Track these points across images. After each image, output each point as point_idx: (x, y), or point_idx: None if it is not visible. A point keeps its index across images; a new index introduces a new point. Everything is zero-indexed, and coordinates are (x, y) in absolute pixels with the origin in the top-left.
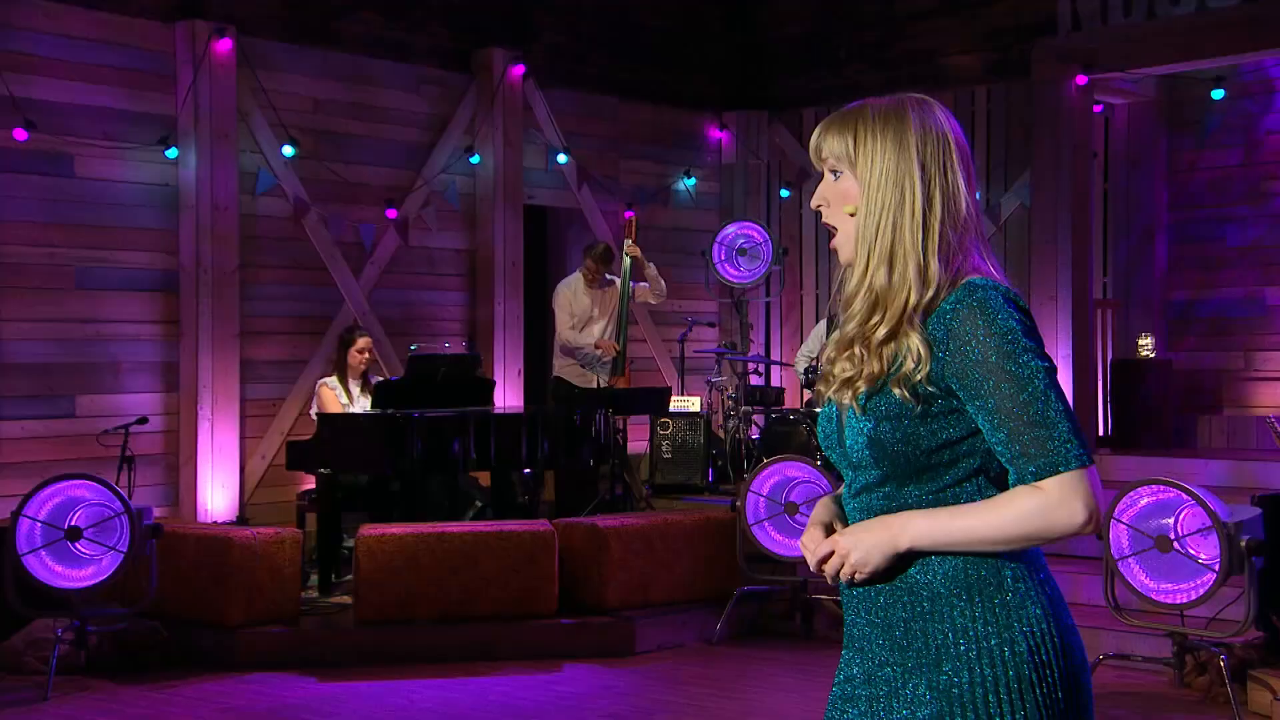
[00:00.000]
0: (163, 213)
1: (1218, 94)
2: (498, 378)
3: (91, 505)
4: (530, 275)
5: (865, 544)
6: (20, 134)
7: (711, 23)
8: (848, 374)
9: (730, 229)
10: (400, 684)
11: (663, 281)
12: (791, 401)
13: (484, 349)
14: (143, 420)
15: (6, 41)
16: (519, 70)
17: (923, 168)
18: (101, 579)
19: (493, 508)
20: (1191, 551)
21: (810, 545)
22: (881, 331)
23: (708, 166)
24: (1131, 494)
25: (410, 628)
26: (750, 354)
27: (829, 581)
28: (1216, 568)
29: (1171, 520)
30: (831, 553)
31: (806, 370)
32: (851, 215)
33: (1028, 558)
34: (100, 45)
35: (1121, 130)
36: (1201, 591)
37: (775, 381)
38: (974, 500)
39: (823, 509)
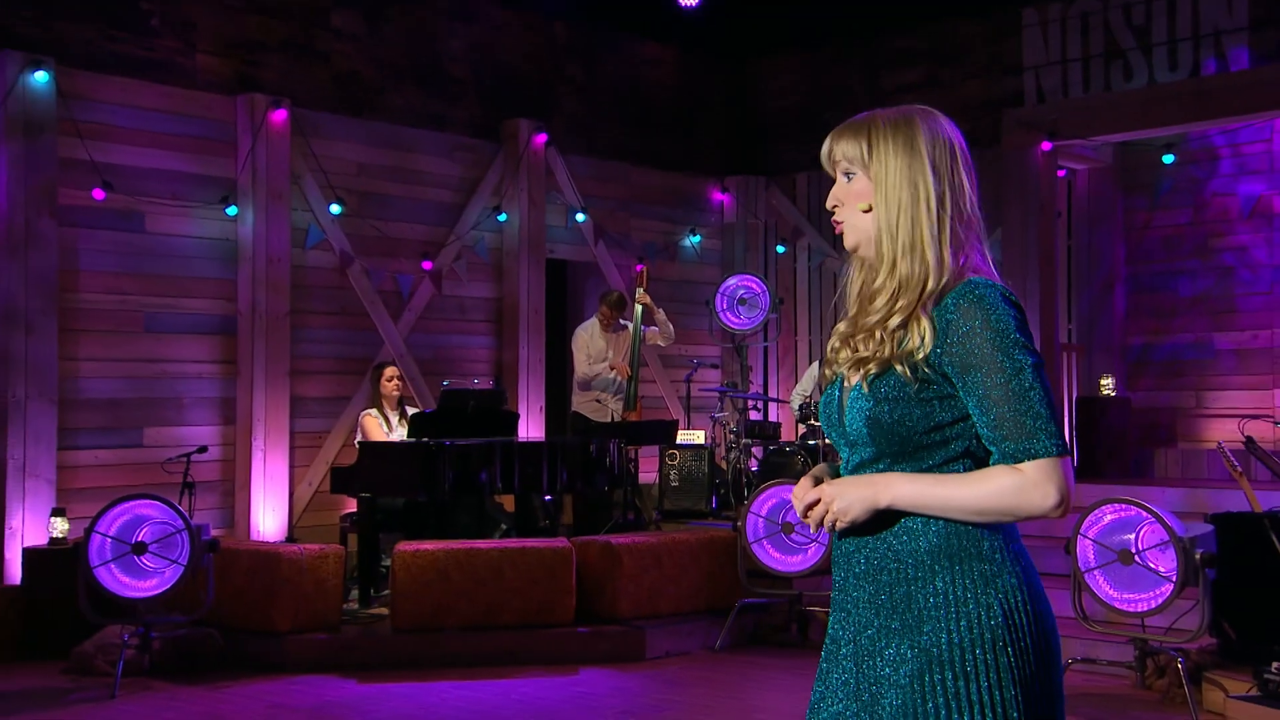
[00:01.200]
0: (223, 264)
1: (1168, 159)
2: (521, 413)
3: (156, 523)
4: (551, 322)
5: (849, 495)
6: (99, 194)
7: (714, 97)
8: (862, 355)
9: (731, 281)
10: (432, 685)
11: (670, 326)
12: (787, 435)
13: (509, 388)
14: (202, 450)
15: (88, 113)
16: (542, 139)
17: (934, 168)
18: (164, 589)
19: (516, 530)
20: (1151, 564)
21: (799, 493)
22: (898, 318)
23: (711, 225)
24: (1096, 512)
25: (441, 635)
26: (749, 392)
27: (812, 530)
28: (1174, 579)
29: (1133, 536)
30: (818, 501)
31: (801, 406)
32: (865, 212)
33: (1004, 532)
34: (170, 116)
35: (1082, 192)
36: (1160, 601)
37: (773, 417)
38: None
39: (818, 469)
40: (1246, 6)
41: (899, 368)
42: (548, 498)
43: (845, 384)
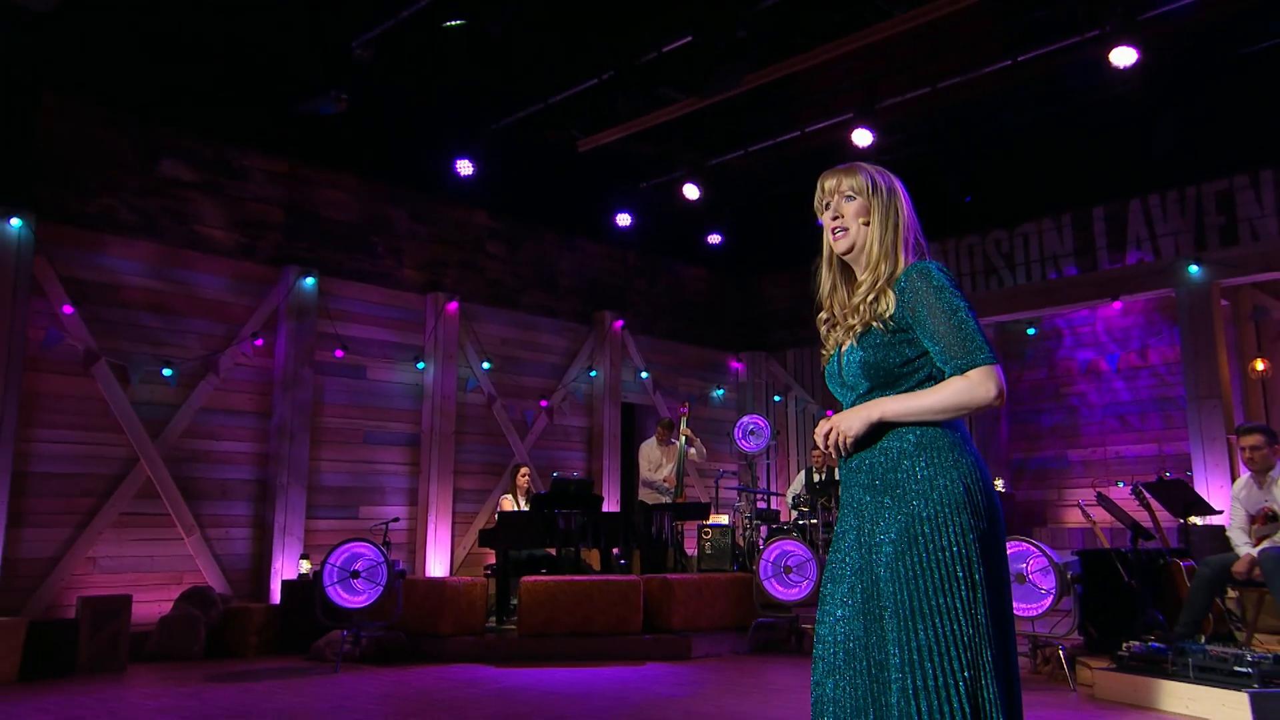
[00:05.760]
0: (413, 400)
1: (1031, 330)
2: (604, 498)
3: (366, 558)
4: (624, 443)
5: (850, 418)
6: (339, 354)
7: (731, 300)
8: (851, 323)
9: (745, 419)
10: (546, 671)
11: (704, 448)
12: (785, 518)
13: (595, 484)
14: (395, 520)
15: (336, 303)
16: (619, 323)
17: (905, 201)
18: (369, 603)
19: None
20: (1037, 584)
21: (819, 430)
22: (872, 295)
23: (730, 383)
24: None
25: (551, 638)
26: (758, 489)
27: (830, 452)
28: (1053, 594)
29: (1025, 565)
30: (831, 429)
31: (794, 498)
32: (864, 224)
33: (962, 434)
34: (384, 306)
35: None
36: (1044, 609)
37: (774, 507)
38: None
39: (831, 414)
40: (1072, 240)
41: (875, 325)
42: (623, 562)
43: (840, 353)
